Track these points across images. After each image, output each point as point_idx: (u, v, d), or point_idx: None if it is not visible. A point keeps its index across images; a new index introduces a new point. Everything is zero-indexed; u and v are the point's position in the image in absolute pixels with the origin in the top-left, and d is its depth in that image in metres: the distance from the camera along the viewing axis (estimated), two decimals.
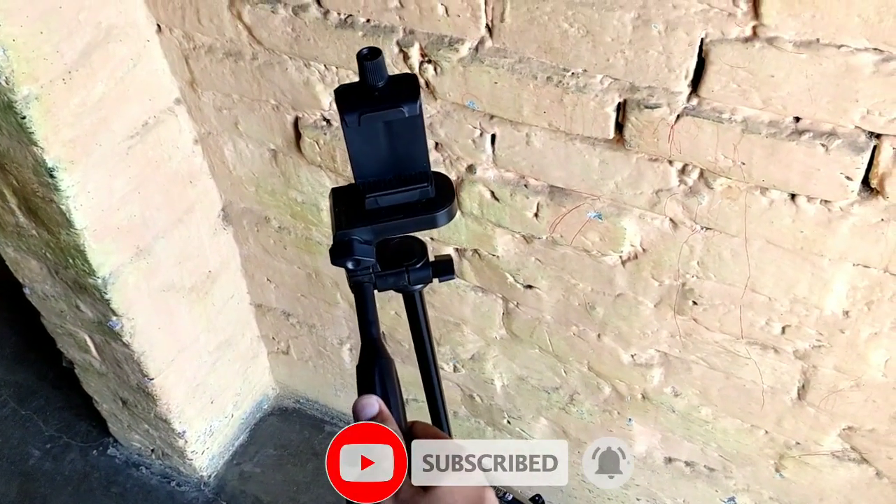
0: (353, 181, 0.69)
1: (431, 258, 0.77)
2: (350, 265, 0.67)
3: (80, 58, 1.29)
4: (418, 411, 1.88)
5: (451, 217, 0.69)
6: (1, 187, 1.43)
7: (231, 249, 1.83)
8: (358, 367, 0.59)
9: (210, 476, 2.06)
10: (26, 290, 1.72)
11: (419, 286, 0.77)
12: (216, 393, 1.97)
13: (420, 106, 0.64)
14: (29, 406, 2.28)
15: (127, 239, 1.52)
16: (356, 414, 0.58)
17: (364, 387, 0.58)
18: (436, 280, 0.76)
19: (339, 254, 0.67)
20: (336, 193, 0.71)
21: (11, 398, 2.30)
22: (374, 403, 0.59)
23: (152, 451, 2.06)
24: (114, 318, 1.58)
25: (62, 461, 2.13)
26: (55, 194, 1.35)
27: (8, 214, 1.49)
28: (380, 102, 0.63)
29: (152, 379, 1.74)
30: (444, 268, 0.76)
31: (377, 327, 0.65)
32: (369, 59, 0.63)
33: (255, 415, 2.17)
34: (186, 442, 1.93)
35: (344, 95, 0.65)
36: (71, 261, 1.49)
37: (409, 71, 1.21)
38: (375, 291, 0.71)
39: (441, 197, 0.69)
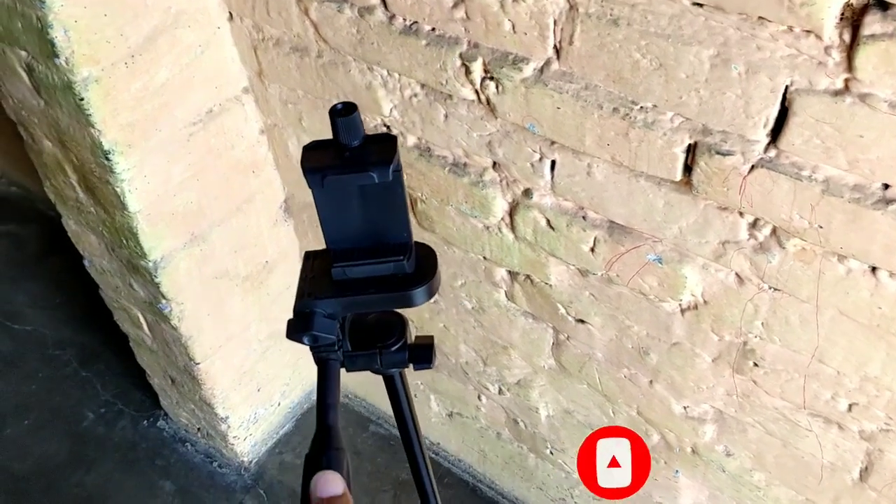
0: None
1: (412, 339, 0.69)
2: (306, 341, 0.60)
3: (144, 42, 1.27)
4: (462, 426, 1.82)
5: (430, 295, 0.61)
6: (63, 163, 1.44)
7: (290, 241, 1.80)
8: (307, 457, 0.53)
9: (251, 462, 2.05)
10: (86, 263, 1.74)
11: (394, 370, 0.69)
12: (264, 381, 1.96)
13: (395, 171, 0.56)
14: (90, 368, 2.33)
15: (182, 225, 1.51)
16: (313, 491, 0.52)
17: (311, 476, 0.52)
18: (411, 366, 0.69)
19: (296, 328, 0.60)
20: (309, 257, 0.64)
21: (74, 358, 2.36)
22: (337, 482, 0.53)
23: (198, 429, 2.07)
24: (163, 301, 1.58)
25: (113, 427, 2.17)
26: (111, 176, 1.34)
27: (69, 189, 1.51)
28: (348, 164, 0.56)
29: (198, 363, 1.73)
30: (421, 354, 0.68)
31: (336, 413, 0.58)
32: (343, 115, 0.55)
33: (303, 405, 2.16)
34: (229, 427, 1.93)
35: (311, 153, 0.58)
36: (124, 241, 1.49)
37: (471, 86, 1.14)
38: (343, 371, 0.64)
39: (420, 272, 0.61)
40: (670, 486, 1.50)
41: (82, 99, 1.22)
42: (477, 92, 1.15)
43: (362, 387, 2.11)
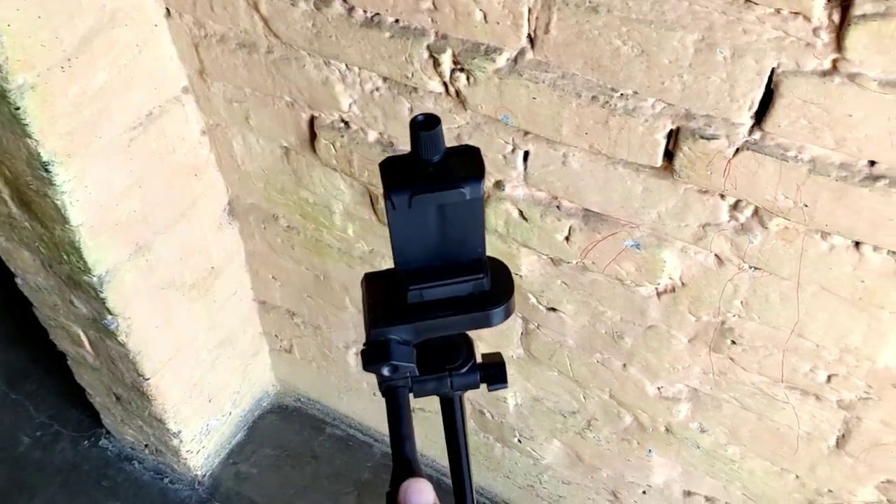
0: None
1: (479, 358, 0.65)
2: (386, 371, 0.56)
3: (80, 44, 1.18)
4: (424, 422, 1.80)
5: (508, 314, 0.58)
6: None
7: (236, 245, 1.73)
8: (388, 495, 0.49)
9: (205, 475, 1.98)
10: (18, 281, 1.63)
11: (462, 391, 0.65)
12: (214, 391, 1.89)
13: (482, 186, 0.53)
14: (20, 390, 2.19)
15: (126, 235, 1.43)
16: (402, 498, 0.48)
17: None
18: (483, 387, 0.64)
19: (374, 357, 0.55)
20: (370, 280, 0.59)
21: (2, 380, 2.22)
22: (428, 490, 0.48)
23: (146, 446, 1.98)
24: (109, 317, 1.49)
25: (52, 450, 2.06)
26: (50, 189, 1.25)
27: (0, 204, 1.40)
28: (435, 181, 0.51)
29: (148, 379, 1.65)
30: (495, 374, 0.63)
31: (412, 444, 0.53)
32: (425, 128, 0.50)
33: (254, 412, 2.09)
34: (181, 441, 1.85)
35: (391, 170, 0.52)
36: (65, 256, 1.39)
37: (439, 79, 1.11)
38: (411, 396, 0.60)
39: (498, 289, 0.58)
40: (643, 466, 1.51)
41: (18, 108, 1.13)
42: (445, 84, 1.11)
43: (316, 389, 2.06)
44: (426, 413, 1.81)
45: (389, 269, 0.57)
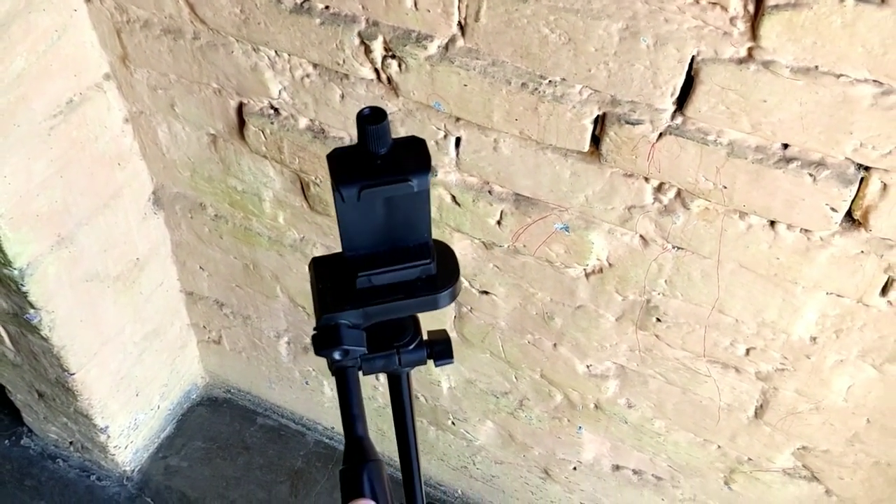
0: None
1: (425, 335, 0.67)
2: (338, 355, 0.57)
3: None
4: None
5: (454, 297, 0.60)
6: None
7: (161, 235, 1.70)
8: (342, 472, 0.50)
9: (134, 470, 1.94)
10: None
11: (410, 368, 0.67)
12: (142, 385, 1.85)
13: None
14: None
15: (47, 227, 1.39)
16: None
17: (351, 494, 0.50)
18: (431, 363, 0.66)
19: (325, 342, 0.56)
20: (318, 265, 0.60)
21: None
22: None
23: (70, 443, 1.93)
24: (31, 311, 1.45)
25: None
26: None
27: None
28: (384, 174, 0.52)
29: (73, 374, 1.61)
30: (441, 350, 0.66)
31: (363, 423, 0.55)
32: (373, 122, 0.51)
33: (183, 405, 2.06)
34: (109, 437, 1.81)
35: (339, 163, 0.53)
36: None
37: (370, 65, 1.12)
38: (360, 374, 0.61)
39: (444, 273, 0.59)
40: (573, 443, 1.56)
41: None
42: (377, 71, 1.12)
43: (246, 379, 2.04)
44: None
45: (337, 253, 0.58)
